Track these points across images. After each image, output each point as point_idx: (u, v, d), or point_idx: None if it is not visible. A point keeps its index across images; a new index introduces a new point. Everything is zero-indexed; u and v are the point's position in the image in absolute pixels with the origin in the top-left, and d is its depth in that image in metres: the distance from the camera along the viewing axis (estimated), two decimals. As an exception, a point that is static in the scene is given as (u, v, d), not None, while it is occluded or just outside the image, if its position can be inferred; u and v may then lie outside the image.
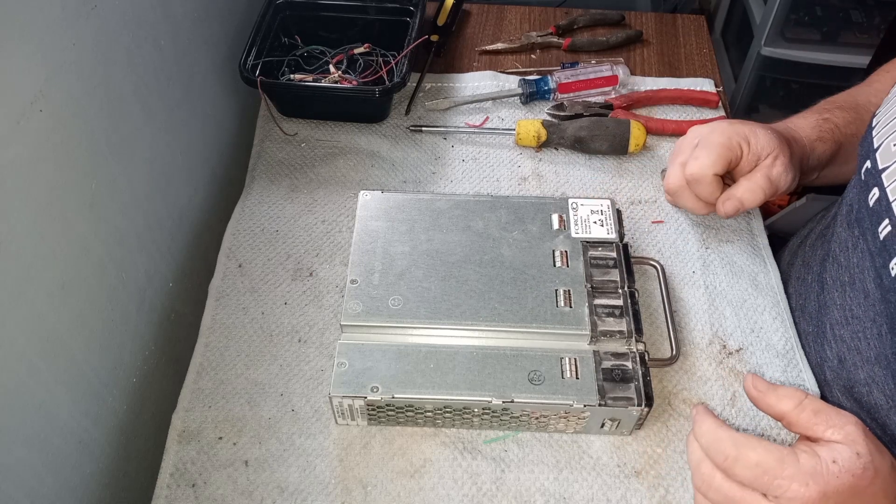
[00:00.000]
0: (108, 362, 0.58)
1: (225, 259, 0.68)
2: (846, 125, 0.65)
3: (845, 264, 0.57)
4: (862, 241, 0.55)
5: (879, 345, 0.52)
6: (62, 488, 0.52)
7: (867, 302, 0.54)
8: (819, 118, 0.66)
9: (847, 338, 0.56)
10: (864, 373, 0.54)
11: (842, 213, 0.60)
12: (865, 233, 0.54)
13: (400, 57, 0.78)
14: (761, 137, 0.61)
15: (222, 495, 0.54)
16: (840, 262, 0.58)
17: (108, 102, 0.56)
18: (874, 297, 0.53)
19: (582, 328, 0.55)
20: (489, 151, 0.78)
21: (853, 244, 0.57)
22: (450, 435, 0.57)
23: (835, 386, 0.57)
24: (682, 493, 0.54)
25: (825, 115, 0.66)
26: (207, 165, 0.77)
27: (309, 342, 0.62)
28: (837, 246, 0.59)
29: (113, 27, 0.56)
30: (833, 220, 0.63)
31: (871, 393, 0.53)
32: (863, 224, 0.55)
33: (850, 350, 0.55)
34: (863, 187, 0.55)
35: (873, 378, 0.53)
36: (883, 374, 0.52)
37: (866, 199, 0.54)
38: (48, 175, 0.49)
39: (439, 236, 0.61)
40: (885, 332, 0.51)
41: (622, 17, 0.94)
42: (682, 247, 0.69)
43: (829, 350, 0.58)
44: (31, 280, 0.47)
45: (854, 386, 0.55)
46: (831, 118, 0.65)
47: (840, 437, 0.46)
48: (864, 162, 0.55)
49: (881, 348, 0.52)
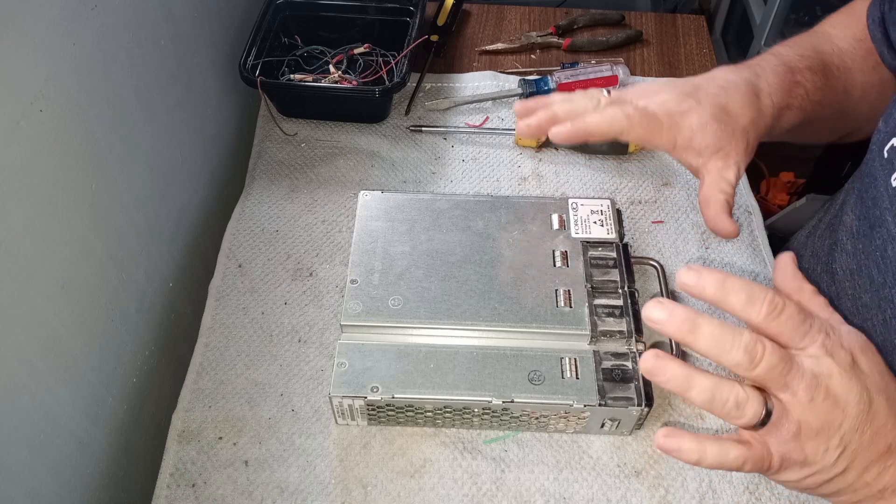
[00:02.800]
0: (108, 362, 0.58)
1: (225, 259, 0.68)
2: (815, 90, 0.60)
3: (852, 251, 0.56)
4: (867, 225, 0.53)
5: (884, 331, 0.51)
6: (62, 488, 0.52)
7: (872, 288, 0.53)
8: (791, 80, 0.59)
9: (860, 326, 0.55)
10: None
11: (851, 199, 0.58)
12: (884, 214, 0.51)
13: (400, 57, 0.78)
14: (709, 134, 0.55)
15: (222, 495, 0.54)
16: (847, 250, 0.57)
17: (108, 102, 0.56)
18: (878, 283, 0.52)
19: (582, 328, 0.55)
20: (489, 151, 0.78)
21: (858, 229, 0.55)
22: (450, 435, 0.57)
23: None
24: (682, 493, 0.54)
25: (797, 76, 0.60)
26: (207, 165, 0.77)
27: (309, 342, 0.62)
28: (844, 234, 0.58)
29: (113, 27, 0.56)
30: (840, 209, 0.61)
31: None
32: (880, 204, 0.51)
33: None
34: (884, 166, 0.51)
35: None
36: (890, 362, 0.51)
37: (888, 180, 0.50)
38: (48, 175, 0.49)
39: (439, 236, 0.61)
40: (889, 317, 0.51)
41: (622, 17, 0.94)
42: (682, 247, 0.69)
43: None
44: (31, 280, 0.47)
45: None
46: (803, 82, 0.60)
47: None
48: (887, 140, 0.52)
49: (886, 335, 0.51)
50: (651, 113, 0.55)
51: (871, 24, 0.63)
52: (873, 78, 0.63)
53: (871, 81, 0.64)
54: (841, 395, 0.44)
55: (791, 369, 0.43)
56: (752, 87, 0.57)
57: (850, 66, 0.63)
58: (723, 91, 0.57)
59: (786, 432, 0.44)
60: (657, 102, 0.56)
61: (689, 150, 0.55)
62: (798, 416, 0.44)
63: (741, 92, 0.57)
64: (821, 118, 0.62)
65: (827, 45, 0.64)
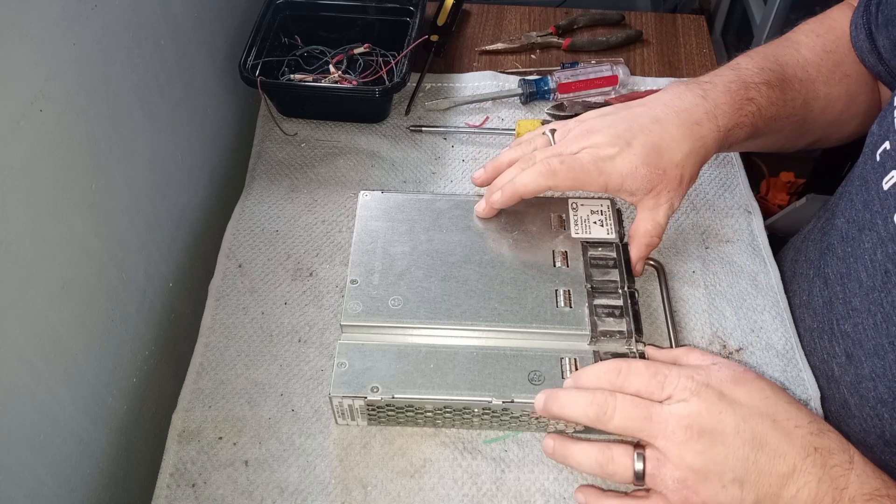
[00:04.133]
0: (108, 362, 0.58)
1: (225, 259, 0.68)
2: (769, 106, 0.60)
3: (842, 256, 0.56)
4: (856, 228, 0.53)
5: (876, 335, 0.52)
6: (62, 488, 0.52)
7: (862, 291, 0.53)
8: (744, 97, 0.59)
9: (851, 332, 0.55)
10: (869, 367, 0.53)
11: (842, 204, 0.59)
12: (875, 217, 0.51)
13: (400, 57, 0.78)
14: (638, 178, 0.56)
15: (222, 495, 0.54)
16: (838, 255, 0.57)
17: (109, 102, 0.56)
18: (867, 286, 0.52)
19: (582, 328, 0.55)
20: (489, 151, 0.78)
21: (853, 235, 0.55)
22: (450, 435, 0.57)
23: (841, 383, 0.57)
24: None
25: (751, 92, 0.59)
26: (207, 165, 0.77)
27: (309, 342, 0.62)
28: (836, 238, 0.58)
29: (113, 27, 0.56)
30: (832, 214, 0.62)
31: (877, 388, 0.52)
32: (871, 207, 0.52)
33: (854, 345, 0.54)
34: (875, 170, 0.52)
35: (875, 371, 0.52)
36: (882, 365, 0.52)
37: (879, 183, 0.51)
38: (48, 175, 0.49)
39: (439, 236, 0.61)
40: (880, 320, 0.51)
41: (622, 17, 0.94)
42: (682, 247, 0.69)
43: (837, 346, 0.57)
44: (31, 280, 0.47)
45: (861, 381, 0.54)
46: (756, 98, 0.59)
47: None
48: (880, 143, 0.52)
49: (878, 339, 0.51)
50: (579, 164, 0.56)
51: (854, 32, 0.62)
52: (839, 90, 0.63)
53: (837, 93, 0.63)
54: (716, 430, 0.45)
55: (652, 415, 0.46)
56: (690, 115, 0.57)
57: (815, 77, 0.62)
58: (657, 124, 0.57)
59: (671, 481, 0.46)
60: (589, 146, 0.57)
61: (621, 191, 0.58)
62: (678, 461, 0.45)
63: (677, 123, 0.57)
64: (775, 130, 0.62)
65: (792, 56, 0.63)
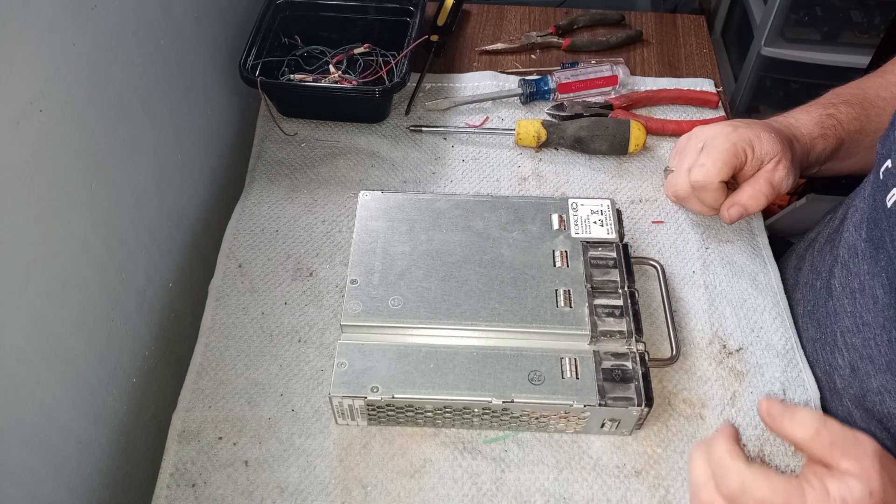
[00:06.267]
0: (108, 362, 0.58)
1: (225, 259, 0.68)
2: (850, 121, 0.64)
3: (855, 270, 0.56)
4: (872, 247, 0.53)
5: (890, 351, 0.51)
6: (62, 488, 0.52)
7: (876, 308, 0.53)
8: (823, 113, 0.65)
9: (859, 346, 0.55)
10: (877, 381, 0.53)
11: (852, 216, 0.59)
12: (884, 235, 0.52)
13: (400, 57, 0.78)
14: (765, 143, 0.61)
15: (222, 495, 0.54)
16: (850, 269, 0.57)
17: (109, 102, 0.56)
18: (883, 303, 0.52)
19: (582, 328, 0.55)
20: (489, 151, 0.78)
21: (863, 249, 0.55)
22: (450, 435, 0.57)
23: (845, 395, 0.57)
24: (682, 493, 0.54)
25: (829, 109, 0.65)
26: (207, 165, 0.77)
27: (309, 342, 0.62)
28: (846, 251, 0.58)
29: (113, 27, 0.56)
30: (841, 224, 0.62)
31: (884, 402, 0.52)
32: (880, 225, 0.52)
33: (862, 358, 0.54)
34: (880, 187, 0.53)
35: (885, 387, 0.52)
36: (894, 381, 0.51)
37: (884, 201, 0.52)
38: (48, 175, 0.49)
39: (439, 236, 0.61)
40: (895, 338, 0.51)
41: (622, 17, 0.94)
42: (682, 247, 0.69)
43: (841, 358, 0.57)
44: (31, 280, 0.47)
45: (866, 395, 0.54)
46: (835, 114, 0.65)
47: (855, 469, 0.44)
48: (884, 161, 0.53)
49: (891, 355, 0.51)
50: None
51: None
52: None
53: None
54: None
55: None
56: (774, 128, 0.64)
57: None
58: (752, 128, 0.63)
59: None
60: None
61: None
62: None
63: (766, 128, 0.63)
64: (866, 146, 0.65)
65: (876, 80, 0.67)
